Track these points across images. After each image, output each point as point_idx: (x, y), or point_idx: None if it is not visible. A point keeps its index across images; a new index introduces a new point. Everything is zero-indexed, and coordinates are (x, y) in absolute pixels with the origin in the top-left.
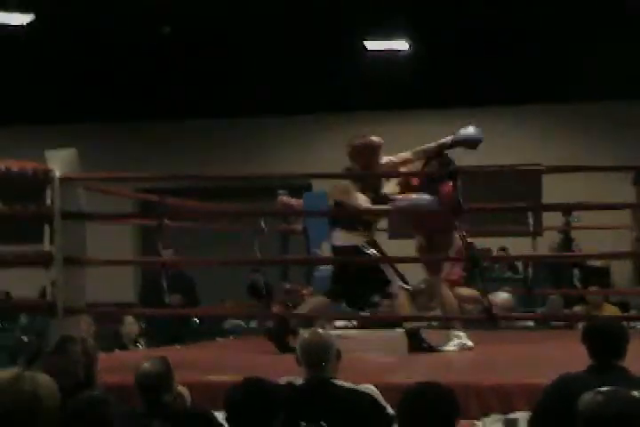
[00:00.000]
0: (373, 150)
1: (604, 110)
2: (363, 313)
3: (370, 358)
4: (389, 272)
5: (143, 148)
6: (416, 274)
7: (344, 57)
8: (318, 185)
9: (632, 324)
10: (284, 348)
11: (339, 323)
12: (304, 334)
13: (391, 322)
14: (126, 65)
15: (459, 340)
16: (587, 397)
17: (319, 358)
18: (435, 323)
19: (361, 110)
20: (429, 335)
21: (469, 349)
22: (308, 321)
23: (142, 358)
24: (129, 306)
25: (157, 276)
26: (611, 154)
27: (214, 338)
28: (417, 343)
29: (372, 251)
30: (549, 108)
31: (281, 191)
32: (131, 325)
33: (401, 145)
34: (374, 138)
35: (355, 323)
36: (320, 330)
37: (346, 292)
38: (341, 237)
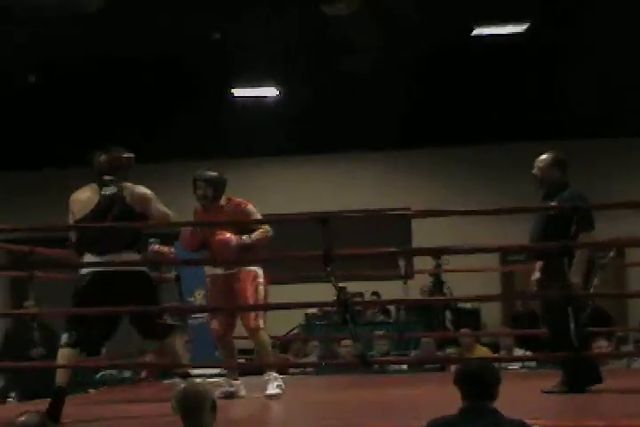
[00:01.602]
0: None
1: (474, 154)
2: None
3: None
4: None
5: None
6: None
7: (212, 104)
8: None
9: (502, 365)
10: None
11: (214, 371)
12: (179, 384)
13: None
14: None
15: (277, 382)
16: None
17: (194, 408)
18: None
19: (230, 158)
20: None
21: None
22: None
23: (15, 412)
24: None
25: (24, 328)
26: (480, 197)
27: (86, 390)
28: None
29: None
30: (419, 152)
31: (152, 240)
32: None
33: (273, 191)
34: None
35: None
36: (197, 380)
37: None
38: None
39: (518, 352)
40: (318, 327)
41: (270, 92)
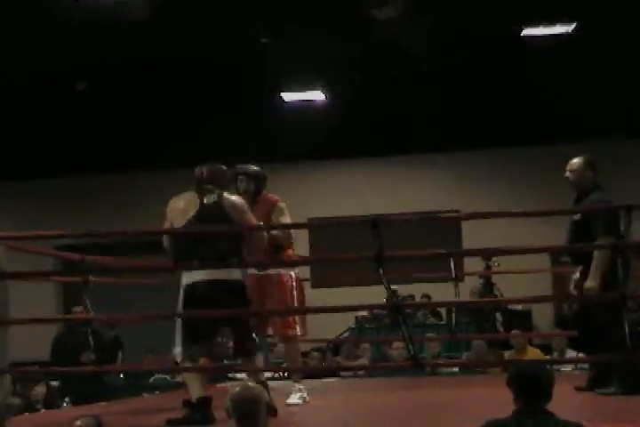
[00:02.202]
0: None
1: (527, 156)
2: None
3: (299, 408)
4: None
5: (57, 204)
6: None
7: (263, 109)
8: None
9: (555, 366)
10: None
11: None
12: (234, 387)
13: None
14: (33, 120)
15: (300, 393)
16: None
17: (249, 411)
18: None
19: (282, 162)
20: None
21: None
22: None
23: (71, 416)
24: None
25: (73, 333)
26: (531, 200)
27: (140, 394)
28: None
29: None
30: (471, 154)
31: None
32: (39, 386)
33: (321, 194)
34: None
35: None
36: (250, 383)
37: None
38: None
39: (570, 354)
40: (369, 330)
41: (317, 95)
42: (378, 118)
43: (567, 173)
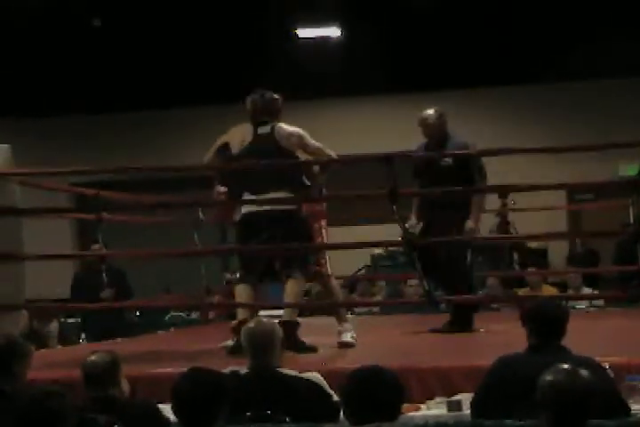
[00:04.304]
0: None
1: (535, 92)
2: None
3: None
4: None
5: (72, 141)
6: None
7: (276, 45)
8: None
9: (570, 303)
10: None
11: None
12: (249, 323)
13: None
14: (48, 57)
15: (352, 333)
16: (550, 376)
17: (264, 346)
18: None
19: (296, 100)
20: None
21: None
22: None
23: (87, 352)
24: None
25: (92, 270)
26: (540, 136)
27: (155, 331)
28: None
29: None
30: (486, 91)
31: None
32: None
33: (340, 131)
34: None
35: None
36: (264, 319)
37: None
38: None
39: (586, 291)
40: (384, 268)
41: (333, 32)
42: (391, 55)
43: (424, 125)
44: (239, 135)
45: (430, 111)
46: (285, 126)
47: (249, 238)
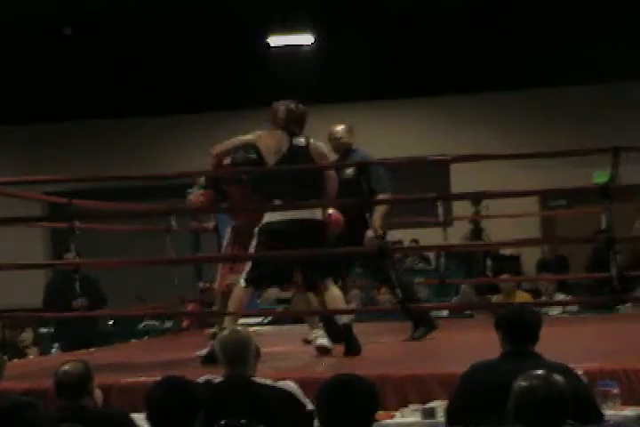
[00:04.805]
0: None
1: (514, 98)
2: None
3: (287, 353)
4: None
5: (56, 149)
6: None
7: (248, 54)
8: None
9: (543, 309)
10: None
11: (252, 320)
12: (223, 331)
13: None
14: (33, 63)
15: (325, 338)
16: (523, 382)
17: (238, 355)
18: None
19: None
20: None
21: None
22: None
23: (60, 361)
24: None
25: (65, 279)
26: (515, 141)
27: (129, 340)
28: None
29: None
30: (457, 98)
31: (189, 190)
32: (27, 332)
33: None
34: None
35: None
36: (239, 327)
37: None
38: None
39: (559, 297)
40: (358, 275)
41: (306, 40)
42: (369, 62)
43: (334, 139)
44: (274, 143)
45: (339, 127)
46: (321, 144)
47: (276, 245)
